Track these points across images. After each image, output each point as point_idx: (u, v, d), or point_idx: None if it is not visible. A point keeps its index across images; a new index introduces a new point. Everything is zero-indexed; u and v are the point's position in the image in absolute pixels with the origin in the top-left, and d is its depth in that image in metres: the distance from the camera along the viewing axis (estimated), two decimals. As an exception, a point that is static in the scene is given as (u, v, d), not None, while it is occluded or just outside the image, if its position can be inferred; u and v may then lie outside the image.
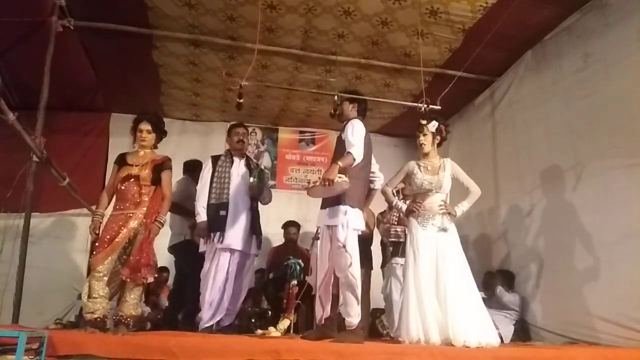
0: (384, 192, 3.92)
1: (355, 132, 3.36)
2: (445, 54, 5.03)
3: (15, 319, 3.83)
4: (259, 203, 4.39)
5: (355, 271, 3.27)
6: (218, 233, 4.04)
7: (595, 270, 3.86)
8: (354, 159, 3.24)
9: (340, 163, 3.16)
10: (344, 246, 3.24)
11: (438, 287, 3.38)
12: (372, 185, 3.72)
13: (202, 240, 4.20)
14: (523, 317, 4.59)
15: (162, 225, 3.55)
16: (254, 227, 4.24)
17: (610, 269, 3.73)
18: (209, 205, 4.12)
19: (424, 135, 3.70)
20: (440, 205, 3.57)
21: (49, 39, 4.29)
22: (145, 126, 3.64)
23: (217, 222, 4.06)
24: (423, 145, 3.71)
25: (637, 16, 3.71)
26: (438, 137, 3.73)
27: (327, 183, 3.10)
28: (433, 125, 3.69)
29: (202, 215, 4.10)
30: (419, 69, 4.67)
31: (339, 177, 3.12)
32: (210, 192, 4.15)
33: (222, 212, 4.08)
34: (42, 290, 5.45)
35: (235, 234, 4.10)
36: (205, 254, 4.15)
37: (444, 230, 3.52)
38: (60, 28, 4.38)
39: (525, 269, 4.75)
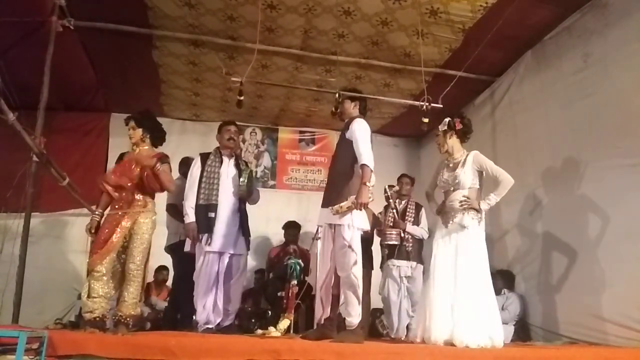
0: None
1: (364, 137, 3.34)
2: (445, 54, 5.03)
3: (15, 319, 3.82)
4: (247, 203, 4.37)
5: (358, 271, 3.26)
6: (206, 235, 4.01)
7: (595, 270, 3.86)
8: (371, 170, 3.25)
9: (368, 183, 3.18)
10: (350, 245, 3.24)
11: (454, 286, 3.36)
12: None
13: (188, 241, 4.17)
14: (523, 317, 4.59)
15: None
16: (243, 229, 4.21)
17: (611, 269, 3.73)
18: (197, 206, 4.07)
19: (437, 136, 3.70)
20: (462, 202, 3.49)
21: (49, 39, 4.29)
22: (130, 123, 3.66)
23: (206, 224, 4.02)
24: (439, 147, 3.71)
25: (637, 16, 3.71)
26: (452, 132, 3.66)
27: (363, 207, 3.19)
28: (443, 124, 3.67)
29: (190, 216, 4.06)
30: (419, 69, 4.66)
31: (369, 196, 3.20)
32: (198, 192, 4.10)
33: (211, 214, 4.04)
34: (42, 290, 5.46)
35: (223, 237, 4.06)
36: (192, 253, 4.13)
37: (464, 227, 3.45)
38: (60, 28, 4.38)
39: (525, 269, 4.76)
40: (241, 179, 4.16)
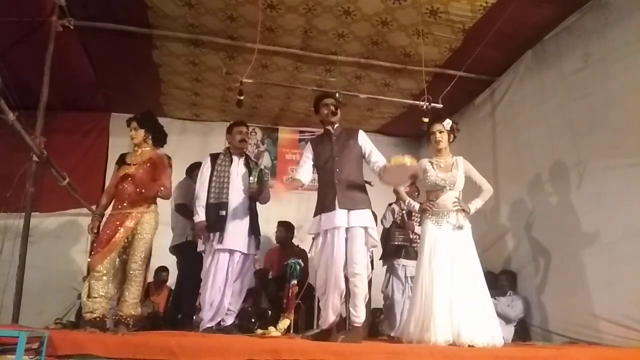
0: (396, 192, 3.91)
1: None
2: (446, 54, 5.03)
3: (15, 319, 3.82)
4: (257, 203, 4.38)
5: (368, 270, 3.40)
6: (218, 233, 4.01)
7: (595, 270, 3.86)
8: None
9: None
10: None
11: (452, 286, 3.37)
12: None
13: (199, 240, 4.18)
14: (523, 317, 4.59)
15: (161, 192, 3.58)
16: (253, 227, 4.22)
17: (611, 268, 3.73)
18: (208, 204, 4.07)
19: (441, 132, 3.71)
20: (455, 202, 3.56)
21: (49, 39, 4.30)
22: (132, 124, 3.68)
23: (217, 222, 4.03)
24: (440, 143, 3.72)
25: (637, 16, 3.72)
26: (452, 135, 3.75)
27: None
28: (448, 122, 3.72)
29: (200, 215, 4.07)
30: (419, 68, 4.68)
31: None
32: (209, 192, 4.11)
33: (222, 212, 4.04)
34: (42, 290, 5.45)
35: (234, 235, 4.06)
36: (203, 253, 4.14)
37: (460, 228, 3.51)
38: (60, 28, 4.39)
39: (525, 269, 4.76)
40: (251, 178, 4.16)
